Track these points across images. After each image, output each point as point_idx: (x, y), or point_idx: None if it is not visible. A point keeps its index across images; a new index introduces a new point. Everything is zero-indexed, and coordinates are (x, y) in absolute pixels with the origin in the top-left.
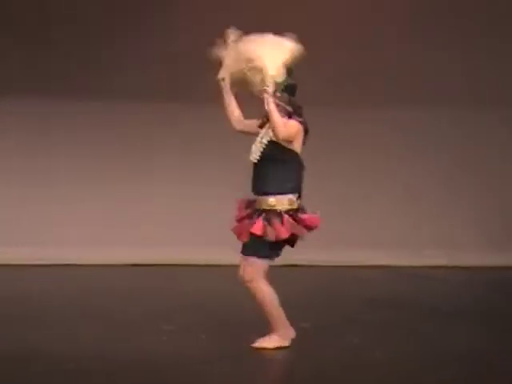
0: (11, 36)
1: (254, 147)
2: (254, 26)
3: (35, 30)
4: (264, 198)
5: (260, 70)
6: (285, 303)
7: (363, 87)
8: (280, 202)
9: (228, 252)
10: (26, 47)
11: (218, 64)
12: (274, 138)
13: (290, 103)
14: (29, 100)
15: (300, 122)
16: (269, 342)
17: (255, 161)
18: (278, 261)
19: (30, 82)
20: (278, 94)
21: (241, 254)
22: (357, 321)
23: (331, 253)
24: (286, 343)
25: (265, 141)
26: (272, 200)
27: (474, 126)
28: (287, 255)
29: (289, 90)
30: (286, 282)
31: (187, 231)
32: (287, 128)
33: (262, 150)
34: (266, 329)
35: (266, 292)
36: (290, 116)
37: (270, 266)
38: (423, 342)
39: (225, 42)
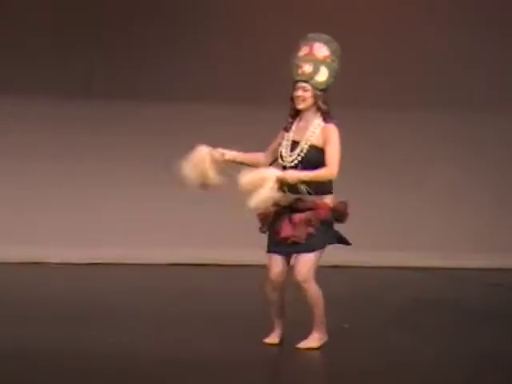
0: (41, 37)
1: (284, 151)
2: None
3: (62, 32)
4: (316, 197)
5: None
6: (327, 304)
7: (399, 88)
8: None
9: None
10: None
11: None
12: (314, 143)
13: (325, 102)
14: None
15: (336, 124)
16: (313, 342)
17: (292, 165)
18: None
19: (33, 82)
20: (318, 93)
21: (276, 255)
22: (399, 321)
23: (372, 254)
24: (325, 339)
25: (306, 146)
26: (328, 198)
27: None
28: (330, 256)
29: (326, 89)
30: (329, 282)
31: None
32: (336, 163)
33: (303, 155)
34: (294, 327)
35: (318, 291)
36: (325, 117)
37: None
38: (463, 343)
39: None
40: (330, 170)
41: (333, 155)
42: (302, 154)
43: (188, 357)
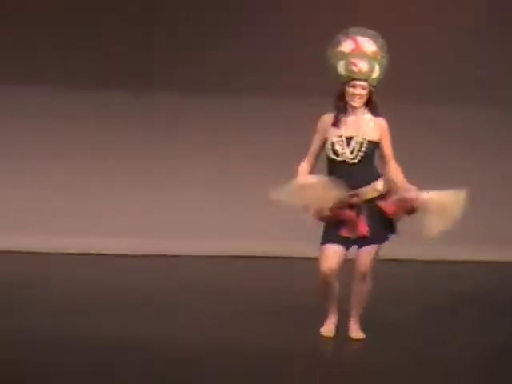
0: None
1: (339, 147)
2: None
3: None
4: (368, 187)
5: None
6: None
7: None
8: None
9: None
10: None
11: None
12: (371, 138)
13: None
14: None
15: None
16: (361, 333)
17: (355, 161)
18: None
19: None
20: (373, 89)
21: (334, 246)
22: (433, 314)
23: (415, 248)
24: None
25: (365, 141)
26: (379, 183)
27: None
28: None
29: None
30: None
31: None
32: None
33: (364, 150)
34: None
35: (371, 284)
36: (374, 112)
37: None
38: (495, 336)
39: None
40: (396, 164)
41: (391, 150)
42: (364, 149)
43: (245, 347)
